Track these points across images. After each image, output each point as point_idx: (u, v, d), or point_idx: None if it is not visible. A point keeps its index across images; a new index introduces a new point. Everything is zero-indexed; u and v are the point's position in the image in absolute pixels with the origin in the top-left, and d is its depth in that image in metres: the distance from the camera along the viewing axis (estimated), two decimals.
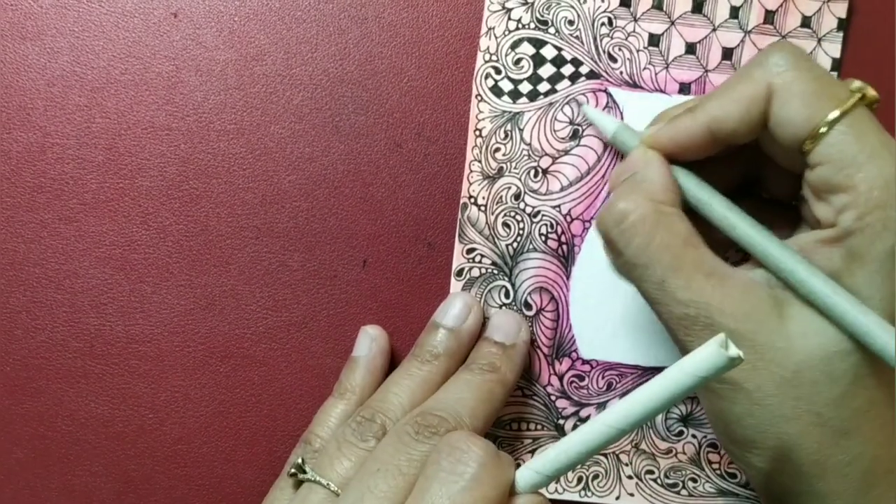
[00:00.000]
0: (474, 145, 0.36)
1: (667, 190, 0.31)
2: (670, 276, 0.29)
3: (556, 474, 0.28)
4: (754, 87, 0.29)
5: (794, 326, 0.29)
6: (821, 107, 0.28)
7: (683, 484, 0.37)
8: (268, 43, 0.37)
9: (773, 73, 0.29)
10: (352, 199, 0.37)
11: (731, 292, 0.29)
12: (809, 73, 0.29)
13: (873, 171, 0.28)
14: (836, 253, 0.29)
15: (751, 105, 0.29)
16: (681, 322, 0.30)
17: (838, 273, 0.29)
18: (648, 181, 0.31)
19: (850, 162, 0.28)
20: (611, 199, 0.31)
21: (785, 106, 0.29)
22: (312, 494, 0.31)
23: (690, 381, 0.25)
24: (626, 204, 0.30)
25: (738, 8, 0.36)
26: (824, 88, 0.29)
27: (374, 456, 0.30)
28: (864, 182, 0.28)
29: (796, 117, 0.28)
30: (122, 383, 0.37)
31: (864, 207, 0.28)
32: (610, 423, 0.26)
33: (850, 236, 0.28)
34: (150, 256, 0.37)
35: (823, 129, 0.28)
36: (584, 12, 0.36)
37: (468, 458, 0.27)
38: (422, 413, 0.31)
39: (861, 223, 0.28)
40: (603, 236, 0.31)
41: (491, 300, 0.37)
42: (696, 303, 0.29)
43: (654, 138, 0.32)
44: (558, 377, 0.37)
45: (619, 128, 0.34)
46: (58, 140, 0.37)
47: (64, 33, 0.36)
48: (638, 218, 0.30)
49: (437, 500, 0.26)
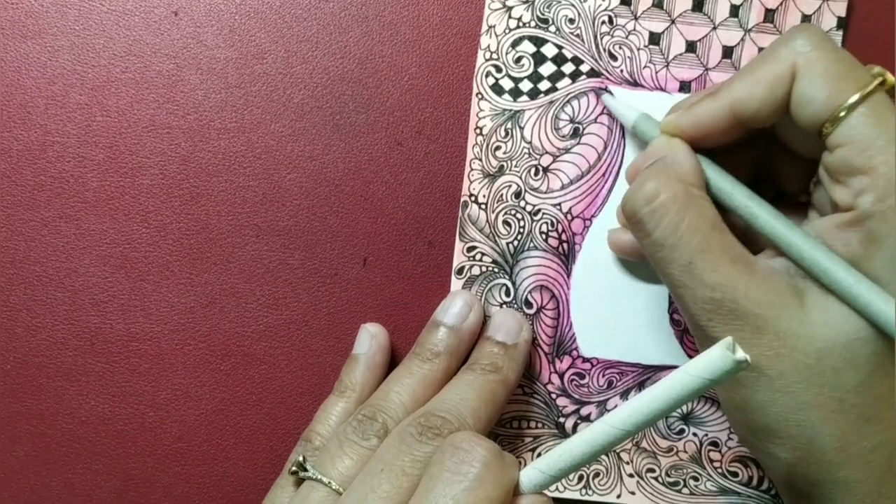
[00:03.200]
0: (475, 143, 0.36)
1: (695, 173, 0.31)
2: (698, 259, 0.29)
3: (561, 474, 0.28)
4: (779, 67, 0.29)
5: (815, 314, 0.29)
6: (843, 88, 0.28)
7: (685, 482, 0.37)
8: (268, 41, 0.37)
9: (798, 53, 0.29)
10: (352, 198, 0.37)
11: (756, 279, 0.29)
12: (834, 54, 0.29)
13: (893, 153, 0.28)
14: (855, 237, 0.29)
15: (775, 84, 0.29)
16: (705, 307, 0.29)
17: (857, 258, 0.29)
18: (677, 164, 0.31)
19: (870, 144, 0.28)
20: (638, 180, 0.31)
21: (808, 85, 0.29)
22: (313, 493, 0.31)
23: (697, 384, 0.25)
24: (657, 183, 0.30)
25: (738, 6, 0.36)
26: (847, 70, 0.29)
27: (378, 456, 0.30)
28: (884, 165, 0.28)
29: (818, 97, 0.28)
30: (122, 381, 0.37)
31: (884, 190, 0.28)
32: (615, 424, 0.26)
33: (869, 219, 0.28)
34: (150, 254, 0.37)
35: (843, 112, 0.28)
36: (585, 10, 0.36)
37: (472, 458, 0.27)
38: (425, 414, 0.31)
39: (881, 206, 0.28)
40: (629, 217, 0.31)
41: (491, 298, 0.37)
42: (722, 286, 0.29)
43: (675, 124, 0.32)
44: (559, 375, 0.37)
45: (641, 118, 0.34)
46: (58, 138, 0.37)
47: (65, 31, 0.36)
48: (669, 197, 0.30)
49: (440, 499, 0.26)
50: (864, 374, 0.28)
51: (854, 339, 0.28)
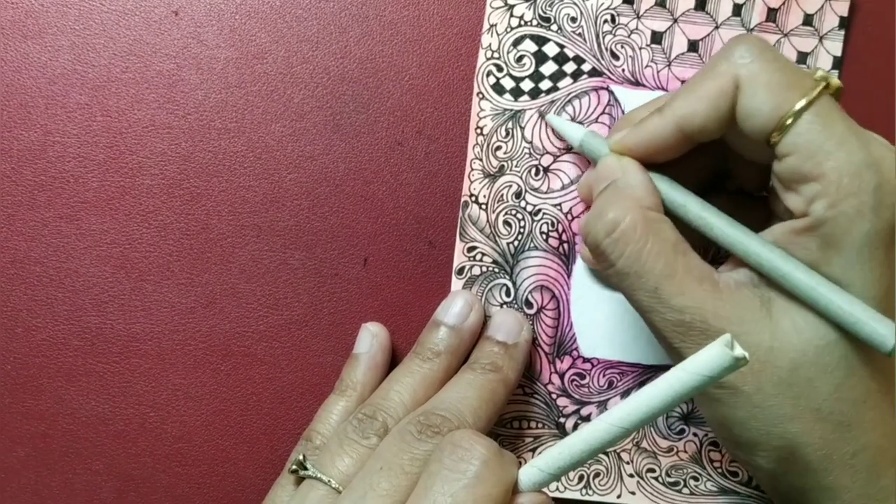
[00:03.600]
0: (475, 143, 0.36)
1: (650, 195, 0.31)
2: (664, 283, 0.29)
3: (560, 472, 0.28)
4: (721, 81, 0.29)
5: (783, 324, 0.29)
6: (787, 97, 0.28)
7: (685, 482, 0.37)
8: (269, 41, 0.36)
9: (739, 66, 0.29)
10: (353, 198, 0.37)
11: (723, 296, 0.29)
12: (774, 63, 0.29)
13: (842, 158, 0.27)
14: (812, 242, 0.28)
15: (719, 99, 0.29)
16: (676, 329, 0.29)
17: (816, 262, 0.29)
18: (631, 187, 0.31)
19: (819, 150, 0.28)
20: (596, 208, 0.31)
21: (752, 97, 0.29)
22: (313, 491, 0.31)
23: (696, 381, 0.25)
24: (616, 212, 0.30)
25: (740, 6, 0.36)
26: (790, 78, 0.28)
27: (377, 454, 0.30)
28: (833, 170, 0.28)
29: (763, 108, 0.28)
30: (122, 381, 0.37)
31: (836, 195, 0.28)
32: (614, 422, 0.26)
33: (823, 225, 0.28)
34: (150, 255, 0.37)
35: (790, 119, 0.28)
36: (587, 9, 0.36)
37: (471, 456, 0.27)
38: (425, 413, 0.31)
39: (834, 211, 0.28)
40: (592, 248, 0.31)
41: (492, 298, 0.37)
42: (691, 308, 0.29)
43: (623, 143, 0.32)
44: (559, 375, 0.37)
45: (587, 135, 0.34)
46: (59, 138, 0.37)
47: (65, 31, 0.36)
48: (629, 226, 0.30)
49: (439, 497, 0.26)
50: (837, 380, 0.28)
51: (822, 345, 0.28)
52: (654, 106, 0.32)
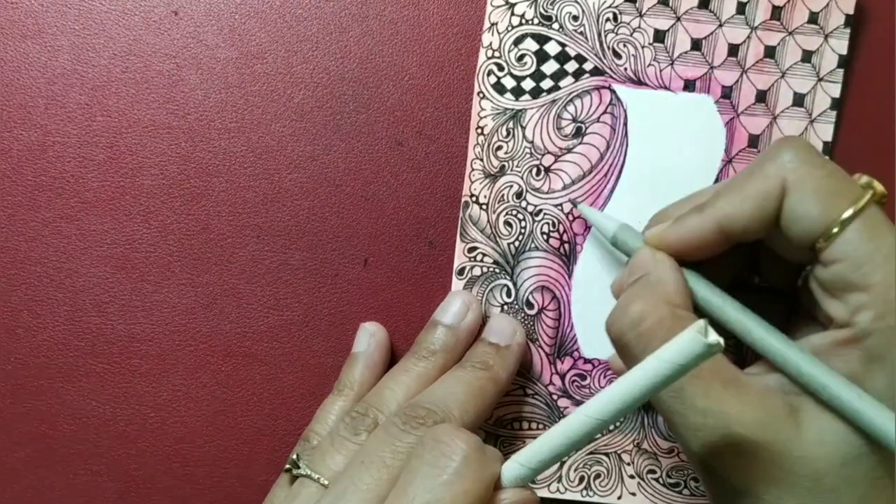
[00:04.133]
0: (476, 143, 0.36)
1: (681, 293, 0.30)
2: (688, 384, 0.28)
3: (541, 466, 0.28)
4: (768, 183, 0.28)
5: (811, 433, 0.28)
6: (835, 204, 0.28)
7: (685, 483, 0.37)
8: (268, 41, 0.36)
9: (787, 169, 0.28)
10: (353, 198, 0.37)
11: (749, 400, 0.28)
12: (822, 169, 0.28)
13: (891, 270, 0.27)
14: (855, 355, 0.28)
15: (764, 201, 0.29)
16: (697, 433, 0.28)
17: (858, 376, 0.28)
18: (662, 283, 0.30)
19: (867, 261, 0.27)
20: (623, 300, 0.30)
21: (800, 203, 0.28)
22: (304, 489, 0.31)
23: (669, 370, 0.24)
24: (643, 307, 0.29)
25: (744, 4, 0.35)
26: (838, 185, 0.28)
27: (362, 449, 0.30)
28: (881, 283, 0.27)
29: (811, 214, 0.28)
30: (123, 382, 0.38)
31: (883, 307, 0.27)
32: (591, 413, 0.26)
33: (868, 337, 0.27)
34: (151, 255, 0.37)
35: (836, 228, 0.27)
36: (589, 8, 0.36)
37: (451, 451, 0.27)
38: (411, 405, 0.31)
39: (881, 323, 0.27)
40: (616, 340, 0.30)
41: (492, 299, 0.37)
42: (714, 412, 0.28)
43: (660, 238, 0.31)
44: (560, 376, 0.37)
45: (621, 228, 0.33)
46: (58, 138, 0.37)
47: (64, 31, 0.36)
48: (655, 322, 0.29)
49: (419, 493, 0.26)
50: (862, 491, 0.28)
51: (851, 457, 0.28)
52: (694, 201, 0.31)
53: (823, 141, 0.36)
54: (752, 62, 0.36)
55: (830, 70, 0.36)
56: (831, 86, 0.36)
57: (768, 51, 0.36)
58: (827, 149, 0.36)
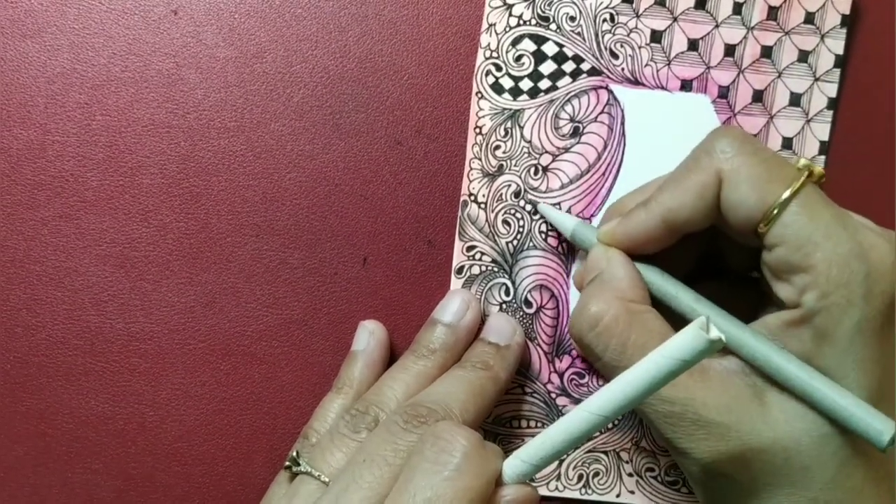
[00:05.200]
0: (474, 143, 0.36)
1: (634, 287, 0.31)
2: None
3: (542, 463, 0.28)
4: (704, 175, 0.29)
5: (776, 414, 0.29)
6: (771, 189, 0.28)
7: (684, 482, 0.37)
8: (268, 40, 0.36)
9: (721, 160, 0.29)
10: (352, 197, 0.37)
11: (712, 385, 0.29)
12: (756, 156, 0.29)
13: (830, 248, 0.28)
14: (806, 334, 0.28)
15: (702, 193, 0.29)
16: (667, 420, 0.29)
17: (809, 355, 0.28)
18: (615, 280, 0.31)
19: (807, 241, 0.28)
20: (580, 302, 0.31)
21: (736, 191, 0.29)
22: (304, 486, 0.31)
23: (672, 366, 0.25)
24: (598, 306, 0.30)
25: (741, 4, 0.36)
26: (772, 170, 0.29)
27: (363, 447, 0.30)
28: (822, 261, 0.28)
29: (747, 201, 0.28)
30: (122, 381, 0.37)
31: (826, 286, 0.28)
32: (593, 410, 0.26)
33: (815, 316, 0.28)
34: (150, 254, 0.37)
35: (775, 210, 0.28)
36: (586, 8, 0.36)
37: (452, 447, 0.27)
38: (412, 404, 0.31)
39: (825, 302, 0.28)
40: (578, 342, 0.31)
41: (491, 298, 0.37)
42: (680, 399, 0.29)
43: (610, 235, 0.32)
44: (559, 375, 0.37)
45: (578, 226, 0.34)
46: (58, 137, 0.37)
47: (64, 30, 0.36)
48: (611, 320, 0.30)
49: (420, 490, 0.26)
50: (833, 469, 0.28)
51: (818, 435, 0.28)
52: (642, 194, 0.32)
53: (820, 140, 0.36)
54: (748, 62, 0.36)
55: (827, 70, 0.36)
56: (828, 85, 0.36)
57: (765, 51, 0.36)
58: (824, 148, 0.36)
